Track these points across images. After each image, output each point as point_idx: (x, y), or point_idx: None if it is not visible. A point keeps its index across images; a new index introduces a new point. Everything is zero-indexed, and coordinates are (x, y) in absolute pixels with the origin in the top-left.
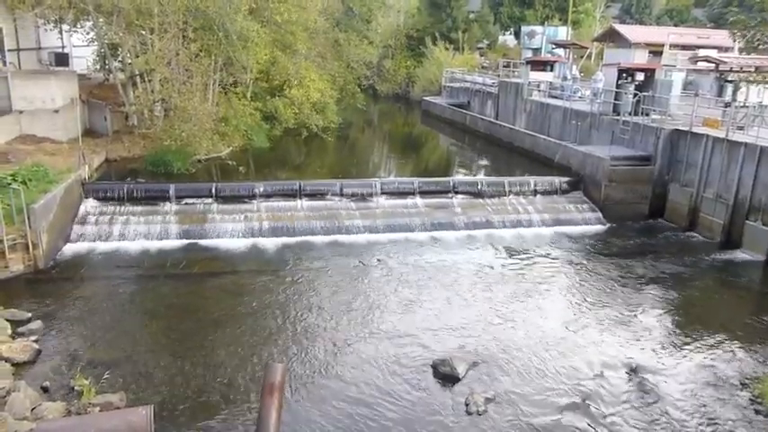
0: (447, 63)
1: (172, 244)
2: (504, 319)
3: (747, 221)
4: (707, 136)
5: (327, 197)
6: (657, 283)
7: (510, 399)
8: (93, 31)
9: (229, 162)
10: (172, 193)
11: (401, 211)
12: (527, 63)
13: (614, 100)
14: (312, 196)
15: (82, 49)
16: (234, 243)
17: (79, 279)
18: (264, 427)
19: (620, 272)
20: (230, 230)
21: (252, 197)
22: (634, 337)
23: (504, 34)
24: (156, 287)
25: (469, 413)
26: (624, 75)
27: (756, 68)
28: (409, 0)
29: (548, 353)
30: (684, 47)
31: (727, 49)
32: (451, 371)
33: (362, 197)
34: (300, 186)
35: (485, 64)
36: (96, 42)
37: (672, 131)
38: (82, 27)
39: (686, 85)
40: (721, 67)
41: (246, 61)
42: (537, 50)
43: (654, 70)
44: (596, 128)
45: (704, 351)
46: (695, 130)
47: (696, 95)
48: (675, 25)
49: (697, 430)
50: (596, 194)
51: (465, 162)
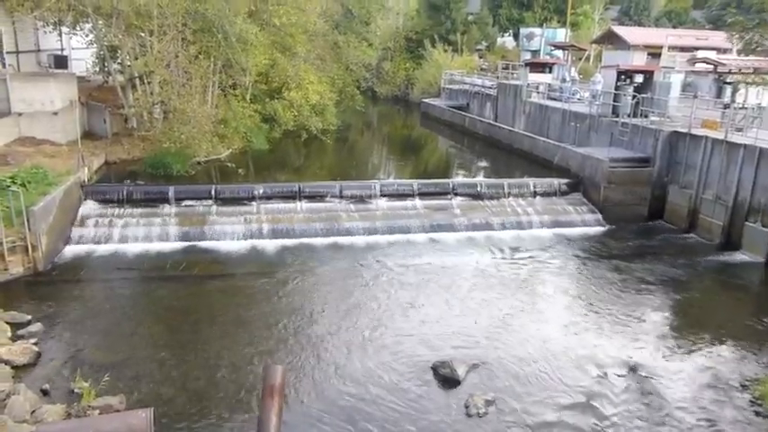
0: (446, 65)
1: (171, 246)
2: (504, 321)
3: (747, 223)
4: (706, 137)
5: (327, 199)
6: (657, 284)
7: (510, 401)
8: (92, 33)
9: (229, 164)
10: (171, 195)
11: (400, 212)
12: (526, 65)
13: (613, 102)
14: (311, 198)
15: (81, 51)
16: (233, 245)
17: (79, 281)
18: (264, 430)
19: (619, 274)
20: (230, 232)
21: (251, 199)
22: (634, 339)
23: (503, 36)
24: (156, 289)
25: (470, 415)
26: (623, 76)
27: (755, 70)
28: (408, 2)
29: (548, 355)
30: (683, 48)
31: (726, 51)
32: (452, 373)
33: (362, 199)
34: (300, 188)
35: (484, 66)
36: (95, 44)
37: (671, 133)
38: (81, 29)
39: (685, 87)
40: (720, 69)
41: (246, 63)
42: (536, 52)
43: (652, 72)
44: (595, 130)
45: (704, 353)
46: (694, 131)
47: (695, 97)
48: (674, 27)
49: None
50: (595, 196)
51: (464, 164)
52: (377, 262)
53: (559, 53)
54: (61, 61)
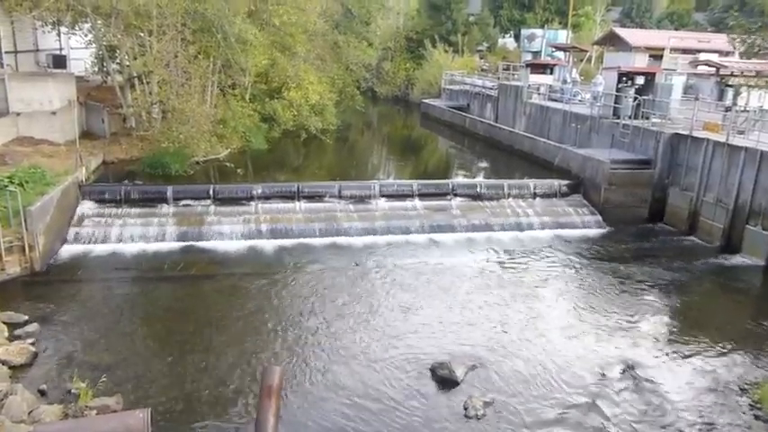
0: (446, 65)
1: (169, 246)
2: (503, 322)
3: (747, 226)
4: (707, 140)
5: (326, 199)
6: (657, 287)
7: (509, 403)
8: (91, 33)
9: (227, 164)
10: (169, 195)
11: (400, 213)
12: (527, 66)
13: (614, 103)
14: (310, 198)
15: (80, 51)
16: (232, 245)
17: (76, 281)
18: (262, 431)
19: (619, 276)
20: (228, 232)
21: (250, 199)
22: (633, 342)
23: (504, 37)
24: (154, 290)
25: (468, 417)
26: (624, 78)
27: (757, 73)
28: (409, 2)
29: (547, 357)
30: (685, 51)
31: (728, 53)
32: (450, 374)
33: (361, 199)
34: (299, 188)
35: (484, 67)
36: (94, 44)
37: (672, 135)
38: (80, 29)
39: (686, 89)
40: (722, 72)
41: (245, 63)
42: (537, 53)
43: (654, 74)
44: (596, 131)
45: (704, 356)
46: (695, 134)
47: (696, 99)
48: (676, 29)
49: None
50: (596, 198)
51: (464, 164)
52: (376, 263)
53: (560, 54)
54: (60, 61)
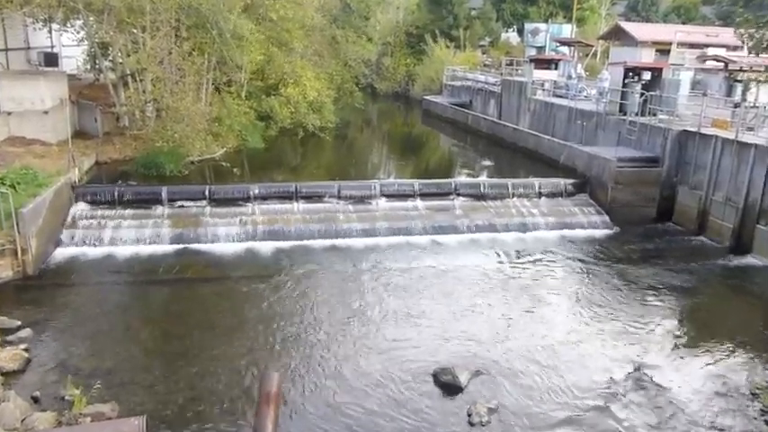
0: (448, 61)
1: (164, 249)
2: (508, 326)
3: (758, 225)
4: (716, 137)
5: (325, 199)
6: (665, 289)
7: (514, 410)
8: (83, 30)
9: (223, 163)
10: (164, 195)
11: (401, 213)
12: (531, 61)
13: (621, 99)
14: (309, 199)
15: (72, 48)
16: (228, 247)
17: (69, 285)
18: None
19: (626, 278)
20: (224, 234)
21: (246, 200)
22: (641, 347)
23: (507, 32)
24: (149, 293)
25: (472, 424)
26: (631, 74)
27: (767, 68)
28: None
29: (553, 362)
30: (692, 45)
31: (737, 48)
32: (453, 380)
33: (361, 200)
34: (297, 188)
35: (487, 62)
36: (86, 41)
37: (680, 132)
38: (72, 26)
39: (694, 85)
40: (730, 67)
41: (241, 60)
42: (541, 48)
43: (661, 69)
44: (602, 128)
45: (714, 360)
46: (704, 130)
47: (705, 95)
48: (683, 23)
49: None
50: (603, 197)
51: (467, 163)
52: (376, 265)
53: (565, 49)
54: (51, 59)
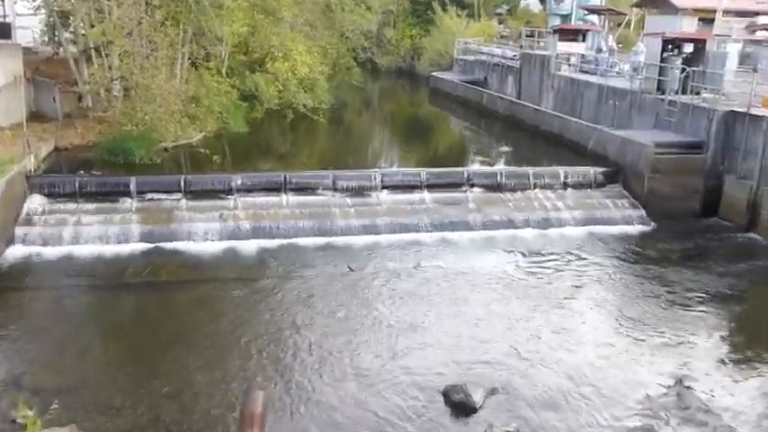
0: (459, 32)
1: (133, 248)
2: (528, 338)
3: None
4: None
5: (318, 192)
6: (710, 295)
7: None
8: None
9: (201, 150)
10: (133, 187)
11: (406, 207)
12: (554, 32)
13: (658, 76)
14: (300, 191)
15: (27, 18)
16: (207, 247)
17: (23, 290)
18: None
19: (666, 282)
20: (202, 232)
21: (228, 192)
22: (684, 361)
23: None
24: (115, 299)
25: None
26: (670, 46)
27: None
28: None
29: (580, 380)
30: (740, 13)
31: None
32: (466, 398)
33: (360, 192)
34: (286, 179)
35: (504, 33)
36: (44, 10)
37: (726, 113)
38: None
39: (743, 59)
40: None
41: (221, 31)
42: (566, 17)
43: (704, 41)
44: (637, 109)
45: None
46: (754, 111)
47: (755, 71)
48: None
49: None
50: (638, 188)
51: (481, 149)
52: (377, 267)
53: (594, 18)
54: (3, 30)
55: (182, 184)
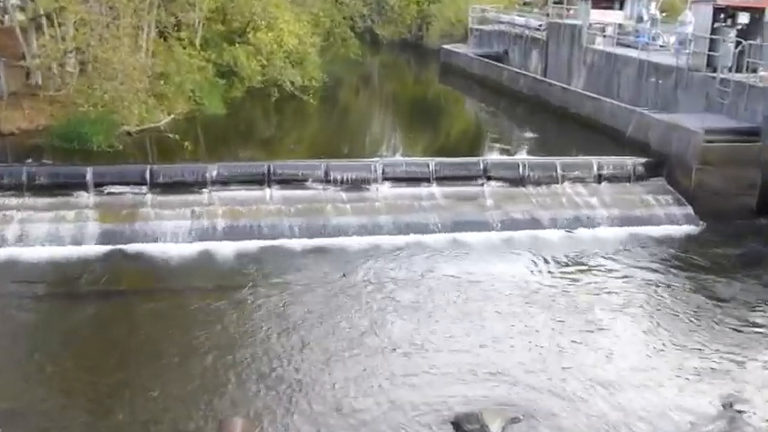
0: None
1: (90, 251)
2: (555, 358)
3: None
4: None
5: (307, 184)
6: None
7: None
8: None
9: (170, 135)
10: (89, 178)
11: (411, 204)
12: None
13: (708, 50)
14: (286, 183)
15: None
16: (176, 249)
17: None
18: None
19: (717, 294)
20: (171, 232)
21: (201, 184)
22: (736, 389)
23: None
24: (68, 311)
25: None
26: (722, 16)
27: None
28: None
29: (614, 408)
30: None
31: None
32: (482, 429)
33: (357, 185)
34: (270, 169)
35: None
36: None
37: None
38: None
39: None
40: None
41: None
42: None
43: (763, 10)
44: (684, 88)
45: None
46: None
47: None
48: None
49: None
50: (685, 182)
51: (501, 136)
52: (377, 274)
53: None
54: None
55: (147, 175)
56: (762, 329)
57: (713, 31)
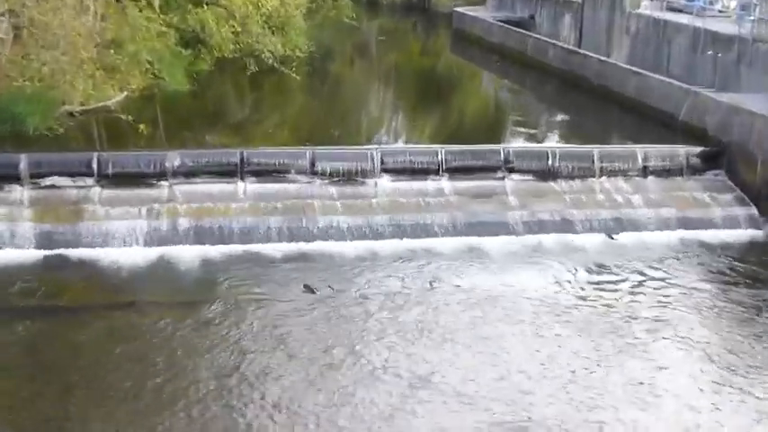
0: None
1: (22, 255)
2: (590, 394)
3: None
4: None
5: (289, 177)
6: None
7: None
8: None
9: (123, 116)
10: (24, 168)
11: (416, 201)
12: None
13: None
14: (263, 175)
15: None
16: (129, 255)
17: None
18: None
19: None
20: (123, 233)
21: (160, 176)
22: None
23: None
24: None
25: None
26: None
27: None
28: None
29: None
30: None
31: None
32: None
33: (350, 177)
34: (243, 158)
35: None
36: None
37: None
38: None
39: None
40: None
41: None
42: None
43: None
44: (747, 63)
45: None
46: None
47: None
48: None
49: None
50: (748, 176)
51: (525, 119)
52: (373, 287)
53: None
54: None
55: (94, 164)
56: None
57: None
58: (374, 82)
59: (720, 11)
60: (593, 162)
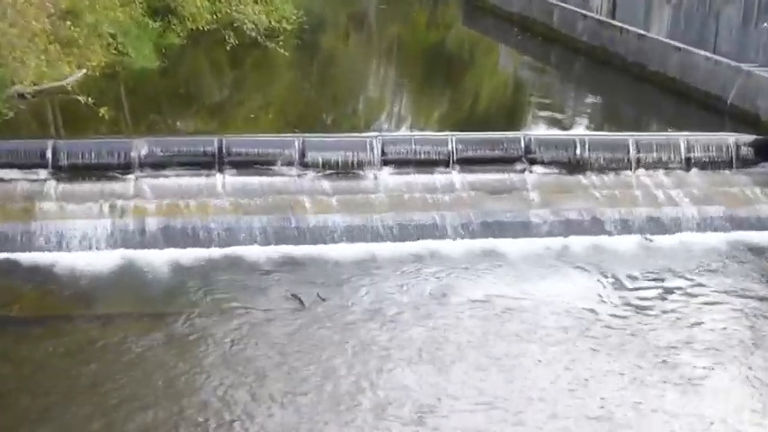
0: None
1: None
2: (626, 423)
3: None
4: None
5: (275, 169)
6: None
7: None
8: None
9: (82, 98)
10: None
11: (422, 197)
12: None
13: None
14: (245, 167)
15: None
16: (89, 260)
17: None
18: None
19: None
20: (81, 234)
21: (125, 168)
22: None
23: None
24: None
25: None
26: None
27: None
28: None
29: None
30: None
31: None
32: None
33: (345, 170)
34: (222, 147)
35: None
36: None
37: None
38: None
39: None
40: None
41: None
42: None
43: None
44: None
45: None
46: None
47: None
48: None
49: None
50: None
51: (548, 101)
52: (372, 298)
53: None
54: None
55: (48, 154)
56: None
57: None
58: (374, 58)
59: None
60: (628, 152)
